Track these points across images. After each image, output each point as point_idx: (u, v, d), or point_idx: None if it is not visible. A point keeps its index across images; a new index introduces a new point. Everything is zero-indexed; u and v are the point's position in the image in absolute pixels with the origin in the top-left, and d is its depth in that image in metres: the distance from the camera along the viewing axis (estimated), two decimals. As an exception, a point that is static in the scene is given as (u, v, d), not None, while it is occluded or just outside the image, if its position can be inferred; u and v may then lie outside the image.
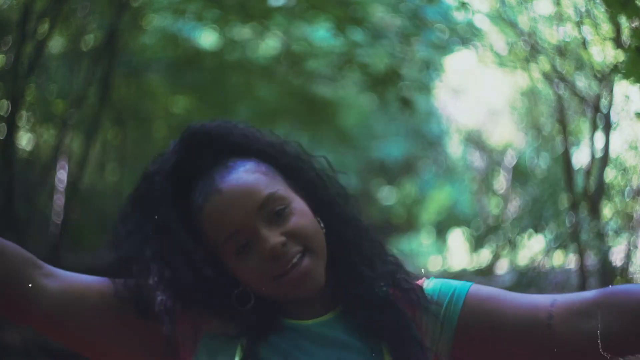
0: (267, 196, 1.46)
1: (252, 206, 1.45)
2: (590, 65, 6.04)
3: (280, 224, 1.46)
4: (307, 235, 1.46)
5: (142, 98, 10.35)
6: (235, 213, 1.45)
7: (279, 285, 1.45)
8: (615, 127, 6.17)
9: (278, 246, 1.43)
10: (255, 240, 1.45)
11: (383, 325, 1.50)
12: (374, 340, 1.49)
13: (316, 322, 1.51)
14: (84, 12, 7.94)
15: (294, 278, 1.44)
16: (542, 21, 6.45)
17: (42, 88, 8.45)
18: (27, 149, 8.80)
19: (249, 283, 1.47)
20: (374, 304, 1.51)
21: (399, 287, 1.53)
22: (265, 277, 1.45)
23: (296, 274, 1.43)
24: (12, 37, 6.68)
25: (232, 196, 1.46)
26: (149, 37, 9.10)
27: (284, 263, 1.44)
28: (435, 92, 11.67)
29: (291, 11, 7.84)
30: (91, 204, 9.58)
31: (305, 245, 1.46)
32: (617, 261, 6.19)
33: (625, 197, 6.49)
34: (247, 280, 1.47)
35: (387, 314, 1.51)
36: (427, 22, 7.42)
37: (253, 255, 1.45)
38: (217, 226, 1.46)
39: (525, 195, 10.48)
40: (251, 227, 1.45)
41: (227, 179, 1.47)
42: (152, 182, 1.51)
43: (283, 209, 1.46)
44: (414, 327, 1.51)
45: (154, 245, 1.48)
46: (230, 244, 1.46)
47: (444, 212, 15.31)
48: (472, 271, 10.95)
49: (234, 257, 1.46)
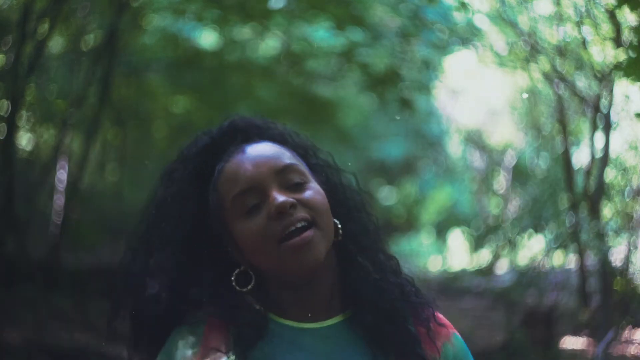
0: (287, 164, 1.50)
1: (271, 169, 1.48)
2: (590, 65, 6.04)
3: (290, 191, 1.47)
4: (317, 209, 1.47)
5: (142, 98, 10.35)
6: (254, 171, 1.48)
7: (280, 252, 1.44)
8: (615, 127, 6.17)
9: (287, 204, 1.44)
10: (265, 202, 1.46)
11: (390, 336, 1.49)
12: (378, 350, 1.48)
13: (319, 326, 1.50)
14: (84, 12, 7.94)
15: (296, 244, 1.43)
16: (542, 21, 6.45)
17: (42, 88, 8.44)
18: (27, 149, 8.80)
19: (252, 249, 1.47)
20: (384, 313, 1.50)
21: (408, 301, 1.53)
22: (269, 239, 1.44)
23: (298, 240, 1.43)
24: (12, 37, 6.68)
25: (253, 156, 1.50)
26: (149, 37, 9.10)
27: (288, 223, 1.44)
28: (435, 92, 11.66)
29: (291, 11, 7.84)
30: (91, 204, 9.58)
31: (314, 218, 1.46)
32: (617, 261, 6.19)
33: (625, 197, 6.49)
34: (250, 245, 1.47)
35: (396, 326, 1.50)
36: (427, 22, 7.41)
37: (262, 215, 1.45)
38: (234, 181, 1.48)
39: (525, 195, 10.48)
40: (265, 187, 1.47)
41: (252, 145, 1.53)
42: (184, 157, 1.56)
43: (301, 183, 1.49)
44: (421, 345, 1.50)
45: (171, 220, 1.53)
46: (241, 202, 1.47)
47: (444, 212, 15.32)
48: (472, 271, 10.96)
49: (242, 217, 1.47)
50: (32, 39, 6.74)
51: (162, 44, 9.21)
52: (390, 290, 1.53)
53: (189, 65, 9.40)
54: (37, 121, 8.72)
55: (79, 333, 6.68)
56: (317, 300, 1.50)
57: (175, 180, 1.55)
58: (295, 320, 1.50)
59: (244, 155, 1.51)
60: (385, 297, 1.52)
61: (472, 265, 11.45)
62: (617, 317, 5.83)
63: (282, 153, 1.52)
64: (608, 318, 5.78)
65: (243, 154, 1.51)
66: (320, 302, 1.51)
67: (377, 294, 1.51)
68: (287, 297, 1.50)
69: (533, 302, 7.19)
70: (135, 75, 9.47)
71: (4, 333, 6.02)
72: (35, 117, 8.64)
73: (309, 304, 1.50)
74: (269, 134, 1.58)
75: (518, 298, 7.44)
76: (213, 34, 9.24)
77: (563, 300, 7.31)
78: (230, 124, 1.60)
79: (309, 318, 1.50)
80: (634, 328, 5.85)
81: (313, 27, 8.24)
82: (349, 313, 1.52)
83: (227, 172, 1.51)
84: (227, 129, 1.59)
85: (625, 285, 6.04)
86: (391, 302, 1.52)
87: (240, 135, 1.57)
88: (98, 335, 6.68)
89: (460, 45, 7.99)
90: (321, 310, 1.51)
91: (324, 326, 1.50)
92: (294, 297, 1.50)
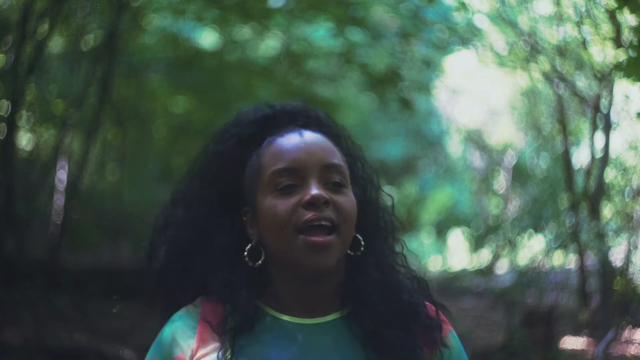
0: (336, 164, 1.50)
1: (320, 160, 1.49)
2: (590, 65, 6.04)
3: (329, 190, 1.47)
4: (346, 216, 1.47)
5: (142, 98, 10.34)
6: (303, 154, 1.48)
7: (296, 242, 1.44)
8: (615, 127, 6.17)
9: (322, 198, 1.44)
10: (302, 187, 1.46)
11: (387, 335, 1.48)
12: (374, 348, 1.48)
13: (317, 322, 1.50)
14: (84, 12, 7.94)
15: (314, 242, 1.43)
16: (542, 21, 6.45)
17: (42, 88, 8.45)
18: (27, 149, 8.79)
19: (270, 227, 1.47)
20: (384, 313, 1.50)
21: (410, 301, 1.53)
22: (290, 224, 1.44)
23: (319, 240, 1.43)
24: (12, 37, 6.68)
25: (307, 142, 1.51)
26: (149, 37, 9.10)
27: (313, 217, 1.44)
28: (435, 92, 11.66)
29: (291, 11, 7.83)
30: (91, 204, 9.58)
31: (339, 224, 1.46)
32: (617, 261, 6.19)
33: (625, 197, 6.50)
34: (270, 223, 1.47)
35: (394, 325, 1.49)
36: (427, 22, 7.41)
37: (293, 199, 1.46)
38: (280, 156, 1.49)
39: (525, 195, 10.48)
40: (307, 174, 1.47)
41: (310, 132, 1.54)
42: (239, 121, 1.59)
43: (341, 185, 1.49)
44: (417, 346, 1.50)
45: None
46: (278, 178, 1.47)
47: (444, 212, 15.31)
48: (472, 271, 10.95)
49: (273, 193, 1.47)
50: (32, 39, 6.74)
51: (162, 44, 9.21)
52: (392, 290, 1.53)
53: (189, 65, 9.39)
54: (37, 121, 8.72)
55: (79, 333, 6.69)
56: (318, 297, 1.50)
57: (224, 140, 1.57)
58: (293, 316, 1.49)
59: (299, 137, 1.51)
60: (386, 297, 1.51)
61: (472, 265, 11.44)
62: (617, 317, 5.83)
63: (334, 151, 1.52)
64: (608, 318, 5.78)
65: (298, 135, 1.52)
66: (320, 299, 1.50)
67: (379, 294, 1.51)
68: (287, 291, 1.50)
69: (533, 302, 7.19)
70: (135, 75, 9.47)
71: (4, 333, 6.02)
72: (35, 117, 8.64)
73: (308, 301, 1.50)
74: (327, 130, 1.58)
75: (518, 298, 7.43)
76: (213, 34, 9.24)
77: (563, 300, 7.32)
78: (296, 106, 1.60)
79: (307, 314, 1.49)
80: (634, 328, 5.86)
81: (313, 27, 8.24)
82: (346, 310, 1.52)
83: (277, 145, 1.51)
84: (291, 109, 1.59)
85: (625, 285, 6.04)
86: (392, 303, 1.51)
87: (300, 119, 1.57)
88: (98, 335, 6.68)
89: (460, 45, 7.99)
90: (320, 307, 1.50)
91: (321, 322, 1.50)
92: (295, 292, 1.50)
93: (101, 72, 7.87)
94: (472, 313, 8.22)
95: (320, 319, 1.50)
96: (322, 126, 1.58)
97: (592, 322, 6.30)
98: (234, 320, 1.47)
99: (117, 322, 7.32)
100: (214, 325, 1.47)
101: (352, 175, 1.56)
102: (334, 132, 1.59)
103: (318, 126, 1.57)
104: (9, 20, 6.98)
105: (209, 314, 1.50)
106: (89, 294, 7.39)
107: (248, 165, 1.53)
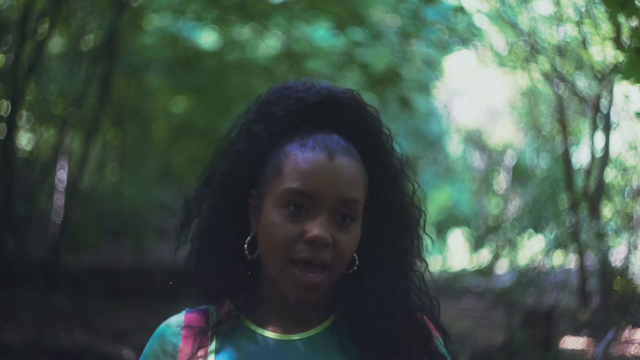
0: (354, 199, 1.44)
1: (338, 195, 1.42)
2: (590, 65, 6.04)
3: (336, 225, 1.43)
4: (342, 256, 1.43)
5: (142, 98, 10.35)
6: (323, 186, 1.41)
7: (284, 268, 1.42)
8: (615, 127, 6.17)
9: (324, 240, 1.39)
10: (309, 215, 1.41)
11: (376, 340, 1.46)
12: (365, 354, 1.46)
13: (304, 336, 1.47)
14: (84, 12, 7.95)
15: (301, 279, 1.40)
16: (542, 21, 6.45)
17: (42, 88, 8.45)
18: (27, 149, 8.79)
19: (266, 238, 1.44)
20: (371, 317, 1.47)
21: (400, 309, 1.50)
22: (284, 249, 1.41)
23: (305, 278, 1.40)
24: (12, 37, 6.69)
25: (334, 171, 1.42)
26: (148, 37, 9.11)
27: (308, 256, 1.40)
28: (435, 92, 11.67)
29: (291, 11, 7.83)
30: (91, 204, 9.58)
31: (332, 263, 1.42)
32: (617, 261, 6.19)
33: (625, 197, 6.49)
34: (267, 235, 1.43)
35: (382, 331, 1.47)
36: (427, 22, 7.42)
37: (297, 224, 1.41)
38: (302, 175, 1.42)
39: (525, 195, 10.48)
40: (321, 205, 1.41)
41: (341, 154, 1.44)
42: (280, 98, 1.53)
43: (348, 220, 1.43)
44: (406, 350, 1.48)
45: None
46: (291, 196, 1.41)
47: (444, 212, 15.32)
48: (472, 271, 10.95)
49: (280, 207, 1.42)
50: (32, 39, 6.74)
51: (162, 44, 9.21)
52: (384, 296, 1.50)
53: (189, 65, 9.39)
54: (37, 121, 8.73)
55: (79, 333, 6.69)
56: (303, 312, 1.48)
57: (262, 115, 1.51)
58: (278, 332, 1.47)
59: (327, 161, 1.43)
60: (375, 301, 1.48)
61: (472, 265, 11.44)
62: (617, 317, 5.83)
63: (357, 183, 1.45)
64: (608, 318, 5.78)
65: (327, 158, 1.43)
66: (305, 314, 1.48)
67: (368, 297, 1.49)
68: (271, 305, 1.49)
69: (533, 302, 7.18)
70: (135, 75, 9.48)
71: (4, 333, 6.02)
72: (35, 117, 8.64)
73: (293, 316, 1.47)
74: (366, 142, 1.50)
75: (518, 298, 7.42)
76: (213, 34, 9.24)
77: (563, 300, 7.31)
78: (345, 98, 1.51)
79: (292, 329, 1.47)
80: (634, 328, 5.85)
81: (313, 27, 8.24)
82: (332, 319, 1.50)
83: (302, 159, 1.43)
84: (339, 100, 1.51)
85: (625, 285, 6.03)
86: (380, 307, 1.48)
87: (344, 117, 1.50)
88: (98, 335, 6.69)
89: (460, 45, 8.00)
90: (305, 320, 1.48)
91: (309, 336, 1.47)
92: (279, 307, 1.48)
93: (101, 72, 7.88)
94: (472, 313, 8.22)
95: (307, 332, 1.48)
96: (362, 136, 1.50)
97: (592, 322, 6.30)
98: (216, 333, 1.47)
99: (117, 322, 7.33)
100: (196, 335, 1.47)
101: (377, 192, 1.50)
102: (374, 142, 1.51)
103: (354, 127, 1.49)
104: (9, 20, 6.98)
105: (193, 324, 1.49)
106: (89, 294, 7.40)
107: (272, 156, 1.46)
